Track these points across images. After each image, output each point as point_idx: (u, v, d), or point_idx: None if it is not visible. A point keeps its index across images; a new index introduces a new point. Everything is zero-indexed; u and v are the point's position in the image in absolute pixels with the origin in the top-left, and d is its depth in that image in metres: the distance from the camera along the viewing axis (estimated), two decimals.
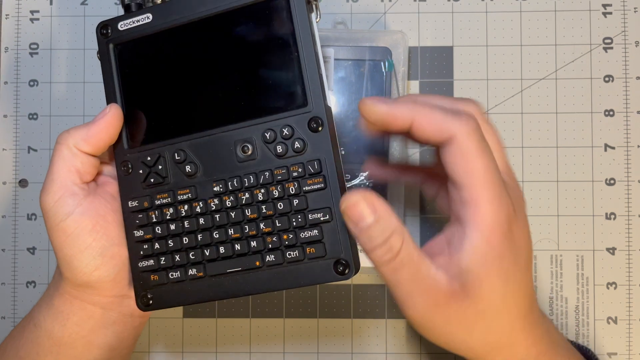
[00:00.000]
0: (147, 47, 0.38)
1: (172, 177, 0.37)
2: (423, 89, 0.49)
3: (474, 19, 0.49)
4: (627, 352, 0.48)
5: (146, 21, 0.37)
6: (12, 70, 0.50)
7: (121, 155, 0.38)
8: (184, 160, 0.37)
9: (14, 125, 0.50)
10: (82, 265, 0.36)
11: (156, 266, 0.37)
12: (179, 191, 0.37)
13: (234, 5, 0.36)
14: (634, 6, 0.49)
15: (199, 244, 0.36)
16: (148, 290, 0.37)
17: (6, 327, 0.49)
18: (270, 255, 0.35)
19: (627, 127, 0.48)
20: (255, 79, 0.36)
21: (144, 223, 0.37)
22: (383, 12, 0.49)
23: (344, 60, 0.47)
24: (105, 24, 0.38)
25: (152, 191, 0.37)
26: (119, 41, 0.38)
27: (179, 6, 0.37)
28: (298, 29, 0.35)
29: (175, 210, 0.37)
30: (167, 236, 0.37)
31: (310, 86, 0.34)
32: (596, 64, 0.49)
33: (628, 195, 0.48)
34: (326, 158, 0.34)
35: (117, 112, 0.37)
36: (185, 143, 0.37)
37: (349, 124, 0.47)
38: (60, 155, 0.36)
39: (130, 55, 0.38)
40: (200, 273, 0.36)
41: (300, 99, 0.35)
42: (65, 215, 0.36)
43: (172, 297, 0.37)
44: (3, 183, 0.50)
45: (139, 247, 0.37)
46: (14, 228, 0.49)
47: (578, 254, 0.48)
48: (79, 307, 0.38)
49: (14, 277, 0.49)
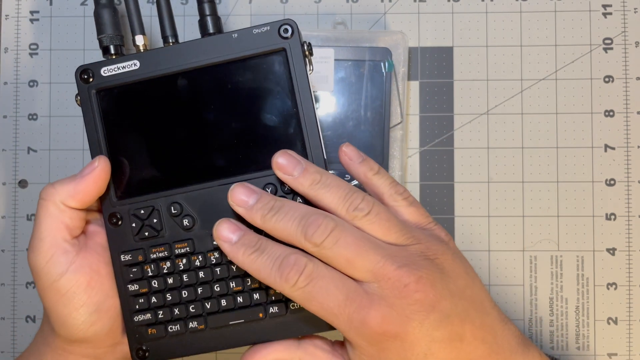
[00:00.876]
0: (134, 95, 0.36)
1: (167, 229, 0.36)
2: (423, 89, 0.49)
3: (474, 19, 0.49)
4: (627, 352, 0.48)
5: (133, 68, 0.36)
6: (12, 71, 0.50)
7: (109, 207, 0.37)
8: (180, 213, 0.36)
9: (13, 126, 0.50)
10: (78, 322, 0.35)
11: (153, 320, 0.36)
12: (177, 245, 0.36)
13: (227, 57, 0.35)
14: (634, 6, 0.49)
15: (199, 297, 0.36)
16: (144, 343, 0.36)
17: (6, 327, 0.49)
18: (274, 307, 0.35)
19: (627, 127, 0.48)
20: (253, 132, 0.36)
21: (139, 277, 0.36)
22: (383, 12, 0.49)
23: (344, 61, 0.46)
24: (85, 69, 0.36)
25: (146, 244, 0.36)
26: (102, 87, 0.36)
27: (169, 55, 0.36)
28: (297, 84, 0.35)
29: (172, 264, 0.36)
30: (164, 290, 0.36)
31: (310, 142, 0.35)
32: (596, 65, 0.49)
33: (628, 196, 0.48)
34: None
35: (106, 165, 0.35)
36: (180, 196, 0.36)
37: (349, 124, 0.46)
38: (46, 212, 0.35)
39: (116, 103, 0.37)
40: (202, 326, 0.36)
41: (301, 154, 0.35)
42: (59, 275, 0.35)
43: (170, 349, 0.36)
44: (3, 184, 0.50)
45: (133, 301, 0.36)
46: (14, 229, 0.49)
47: (578, 255, 0.48)
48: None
49: (13, 278, 0.49)
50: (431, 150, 0.49)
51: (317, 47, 0.46)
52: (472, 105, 0.49)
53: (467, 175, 0.49)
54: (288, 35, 0.35)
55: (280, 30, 0.35)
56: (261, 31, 0.35)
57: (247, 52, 0.35)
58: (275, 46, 0.35)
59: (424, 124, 0.49)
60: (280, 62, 0.35)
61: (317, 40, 0.47)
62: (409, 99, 0.49)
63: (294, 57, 0.35)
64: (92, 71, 0.36)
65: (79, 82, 0.36)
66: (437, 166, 0.49)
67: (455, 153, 0.49)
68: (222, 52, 0.35)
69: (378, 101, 0.46)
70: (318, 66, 0.46)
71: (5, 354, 0.49)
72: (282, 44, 0.35)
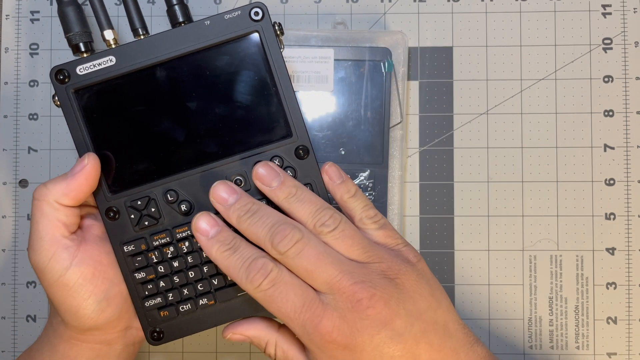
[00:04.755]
0: (114, 90, 0.37)
1: (165, 216, 0.37)
2: (423, 89, 0.49)
3: (473, 19, 0.49)
4: (627, 352, 0.48)
5: (109, 64, 0.36)
6: (12, 71, 0.50)
7: (104, 202, 0.37)
8: (176, 199, 0.37)
9: (14, 126, 0.50)
10: (88, 312, 0.36)
11: (164, 302, 0.37)
12: (177, 230, 0.37)
13: (203, 45, 0.36)
14: (634, 6, 0.49)
15: (205, 275, 0.37)
16: (157, 326, 0.38)
17: (7, 327, 0.49)
18: None
19: (627, 127, 0.49)
20: (236, 114, 0.37)
21: (144, 265, 0.37)
22: (383, 12, 0.49)
23: (344, 61, 0.47)
24: (60, 69, 0.36)
25: (147, 233, 0.37)
26: (80, 86, 0.36)
27: (144, 47, 0.36)
28: (273, 64, 0.36)
29: (175, 248, 0.37)
30: (171, 273, 0.37)
31: (292, 118, 0.37)
32: (596, 65, 0.49)
33: (627, 196, 0.48)
34: (316, 181, 0.37)
35: (96, 162, 0.36)
36: (174, 183, 0.37)
37: (349, 124, 0.47)
38: (41, 212, 0.36)
39: (96, 100, 0.37)
40: (212, 301, 0.37)
41: (285, 130, 0.37)
42: (64, 270, 0.36)
43: (183, 327, 0.38)
44: (3, 183, 0.50)
45: (142, 287, 0.37)
46: (14, 228, 0.49)
47: (578, 254, 0.48)
48: (86, 349, 0.38)
49: (14, 278, 0.49)
50: (431, 150, 0.49)
51: (317, 47, 0.46)
52: (472, 105, 0.49)
53: (467, 175, 0.49)
54: (259, 17, 0.36)
55: (251, 14, 0.36)
56: (232, 16, 0.36)
57: (221, 37, 0.36)
58: (248, 29, 0.36)
59: (424, 124, 0.49)
60: (254, 45, 0.36)
61: (317, 40, 0.47)
62: (409, 99, 0.49)
63: (268, 38, 0.36)
64: (68, 71, 0.36)
65: (55, 83, 0.36)
66: (436, 166, 0.49)
67: (455, 153, 0.49)
68: (197, 40, 0.36)
69: (378, 101, 0.47)
70: (318, 66, 0.46)
71: (6, 353, 0.49)
72: (255, 26, 0.36)
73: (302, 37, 0.47)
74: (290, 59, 0.46)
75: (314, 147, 0.40)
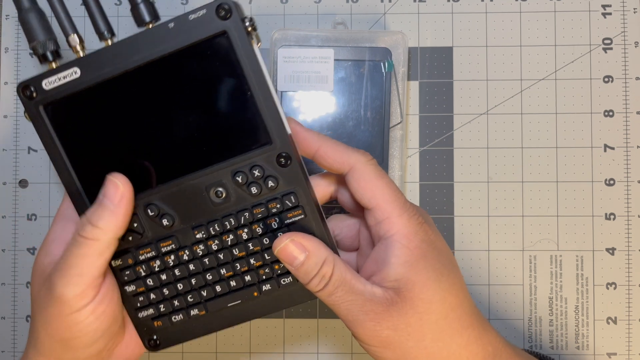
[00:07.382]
0: (83, 103, 0.34)
1: (149, 231, 0.36)
2: (423, 89, 0.49)
3: (473, 19, 0.49)
4: (627, 352, 0.48)
5: (74, 77, 0.34)
6: (12, 71, 0.50)
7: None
8: (157, 214, 0.35)
9: (14, 126, 0.50)
10: (82, 345, 0.35)
11: (156, 314, 0.37)
12: (161, 244, 0.36)
13: (168, 50, 0.33)
14: (634, 7, 0.49)
15: (194, 287, 0.37)
16: (153, 334, 0.38)
17: (7, 327, 0.49)
18: (266, 285, 0.36)
19: (627, 127, 0.49)
20: (213, 122, 0.34)
21: (133, 278, 0.36)
22: (383, 12, 0.49)
23: (344, 61, 0.47)
24: (26, 85, 0.34)
25: (132, 246, 0.36)
26: (48, 101, 0.34)
27: (109, 56, 0.33)
28: (245, 66, 0.33)
29: (162, 262, 0.36)
30: (160, 286, 0.37)
31: (270, 123, 0.34)
32: (596, 65, 0.49)
33: (627, 196, 0.48)
34: (300, 189, 0.35)
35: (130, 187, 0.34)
36: (154, 196, 0.35)
37: (349, 124, 0.47)
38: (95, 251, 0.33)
39: (66, 115, 0.35)
40: (202, 312, 0.37)
41: (264, 137, 0.34)
42: (82, 306, 0.34)
43: (178, 335, 0.38)
44: (3, 183, 0.50)
45: (134, 300, 0.37)
46: (14, 228, 0.49)
47: (578, 254, 0.48)
48: None
49: (14, 278, 0.49)
50: (431, 150, 0.49)
51: (317, 47, 0.46)
52: (472, 105, 0.49)
53: (467, 175, 0.49)
54: (226, 15, 0.32)
55: (217, 12, 0.32)
56: (197, 16, 0.33)
57: (186, 42, 0.33)
58: (215, 30, 0.33)
59: (424, 124, 0.49)
60: (223, 46, 0.33)
61: (317, 40, 0.47)
62: (409, 99, 0.49)
63: (238, 38, 0.33)
64: (34, 86, 0.34)
65: (23, 99, 0.34)
66: (436, 166, 0.49)
67: (455, 153, 0.49)
68: (161, 46, 0.33)
69: (378, 101, 0.47)
70: (318, 66, 0.46)
71: (6, 353, 0.49)
72: (222, 26, 0.33)
73: (302, 37, 0.47)
74: (290, 59, 0.46)
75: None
